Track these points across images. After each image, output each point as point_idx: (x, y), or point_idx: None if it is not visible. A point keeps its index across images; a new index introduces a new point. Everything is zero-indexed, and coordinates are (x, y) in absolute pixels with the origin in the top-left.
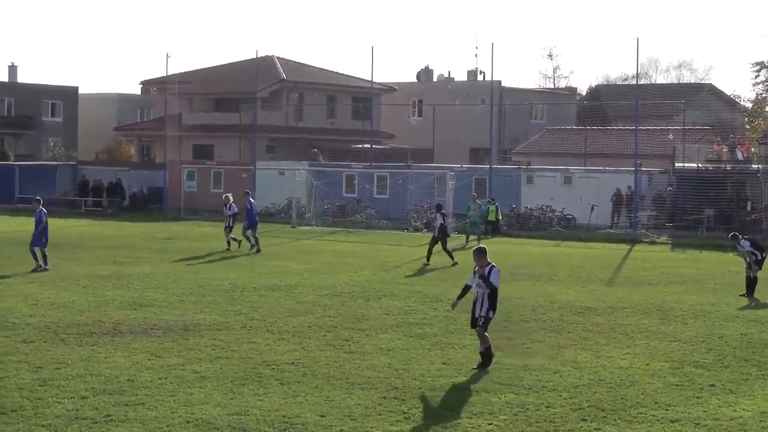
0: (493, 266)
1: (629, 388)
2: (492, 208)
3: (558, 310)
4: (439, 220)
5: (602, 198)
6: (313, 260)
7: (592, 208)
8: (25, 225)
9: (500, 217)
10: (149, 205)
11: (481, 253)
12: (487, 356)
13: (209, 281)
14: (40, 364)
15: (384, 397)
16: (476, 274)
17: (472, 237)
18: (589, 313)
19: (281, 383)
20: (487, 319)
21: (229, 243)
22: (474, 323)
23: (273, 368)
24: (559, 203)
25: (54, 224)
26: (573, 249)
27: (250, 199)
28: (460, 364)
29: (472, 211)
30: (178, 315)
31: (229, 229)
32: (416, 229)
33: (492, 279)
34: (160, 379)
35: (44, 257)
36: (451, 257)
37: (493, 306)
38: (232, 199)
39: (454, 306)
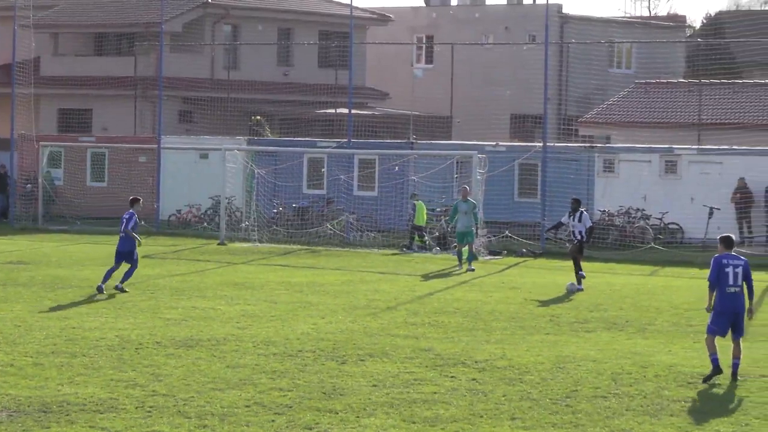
0: None
1: None
2: (419, 205)
3: (654, 380)
4: (587, 223)
5: (726, 196)
6: (255, 298)
7: (711, 213)
8: None
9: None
10: None
11: None
12: None
13: (85, 333)
14: None
15: None
16: None
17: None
18: (705, 385)
19: None
20: None
21: None
22: None
23: None
24: (657, 204)
25: None
26: (679, 280)
27: None
28: None
29: (462, 215)
30: (32, 388)
31: None
32: (423, 248)
33: None
34: None
35: None
36: (581, 277)
37: None
38: None
39: None
